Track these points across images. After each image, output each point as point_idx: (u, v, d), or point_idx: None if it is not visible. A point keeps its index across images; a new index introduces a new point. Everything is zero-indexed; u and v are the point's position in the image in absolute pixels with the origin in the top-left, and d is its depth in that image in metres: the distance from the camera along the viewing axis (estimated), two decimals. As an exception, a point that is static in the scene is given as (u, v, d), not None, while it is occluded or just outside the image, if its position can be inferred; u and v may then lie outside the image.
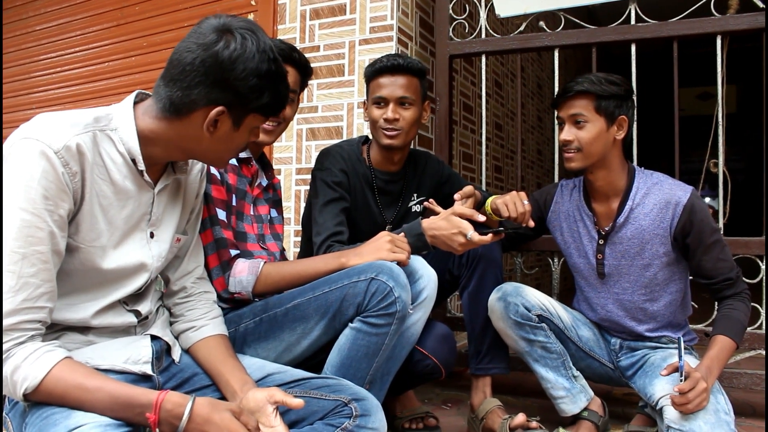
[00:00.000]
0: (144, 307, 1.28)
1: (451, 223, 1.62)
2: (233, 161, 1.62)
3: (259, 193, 1.73)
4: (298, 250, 2.27)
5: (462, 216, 1.62)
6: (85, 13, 3.63)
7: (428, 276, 1.57)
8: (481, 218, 1.64)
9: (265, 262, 1.54)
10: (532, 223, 1.77)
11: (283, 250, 1.81)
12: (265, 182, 1.75)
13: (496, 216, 1.83)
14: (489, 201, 1.85)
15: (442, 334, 1.81)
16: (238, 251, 1.54)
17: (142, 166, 1.16)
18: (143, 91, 1.21)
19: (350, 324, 1.44)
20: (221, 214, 1.52)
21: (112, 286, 1.19)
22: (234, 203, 1.60)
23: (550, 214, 1.95)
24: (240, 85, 1.11)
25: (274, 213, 1.80)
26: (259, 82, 1.13)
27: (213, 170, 1.53)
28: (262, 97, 1.15)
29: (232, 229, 1.58)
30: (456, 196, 1.75)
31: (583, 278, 1.90)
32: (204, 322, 1.36)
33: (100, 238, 1.13)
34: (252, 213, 1.69)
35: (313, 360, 1.52)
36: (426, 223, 1.65)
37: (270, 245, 1.71)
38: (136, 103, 1.18)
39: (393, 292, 1.39)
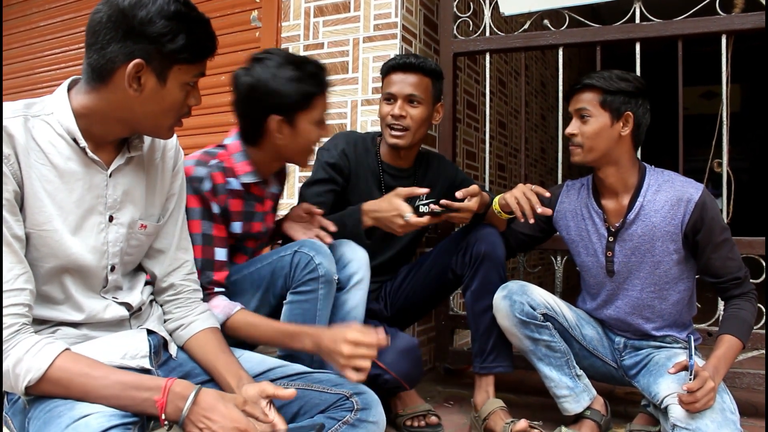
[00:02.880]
0: (133, 299, 1.28)
1: (391, 204, 1.65)
2: (238, 186, 1.58)
3: (270, 201, 1.73)
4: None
5: (402, 195, 1.65)
6: (89, 10, 3.60)
7: (359, 259, 1.64)
8: (422, 191, 1.66)
9: (241, 309, 1.51)
10: (532, 219, 1.74)
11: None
12: (276, 189, 1.75)
13: (505, 214, 1.82)
14: (496, 199, 1.84)
15: (403, 348, 1.78)
16: (223, 290, 1.55)
17: (83, 143, 1.15)
18: (77, 76, 1.20)
19: (284, 301, 1.52)
20: (220, 254, 1.54)
21: (76, 274, 1.17)
22: (239, 230, 1.61)
23: (556, 213, 1.94)
24: (149, 30, 1.08)
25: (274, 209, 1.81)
26: (168, 23, 1.09)
27: (214, 208, 1.51)
28: (176, 40, 1.10)
29: (232, 262, 1.63)
30: (458, 194, 1.75)
31: (591, 276, 1.89)
32: (192, 319, 1.36)
33: (51, 222, 1.12)
34: (261, 230, 1.69)
35: None
36: (368, 205, 1.69)
37: (256, 254, 1.74)
38: (70, 88, 1.18)
39: (314, 260, 1.50)
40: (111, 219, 1.21)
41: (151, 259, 1.35)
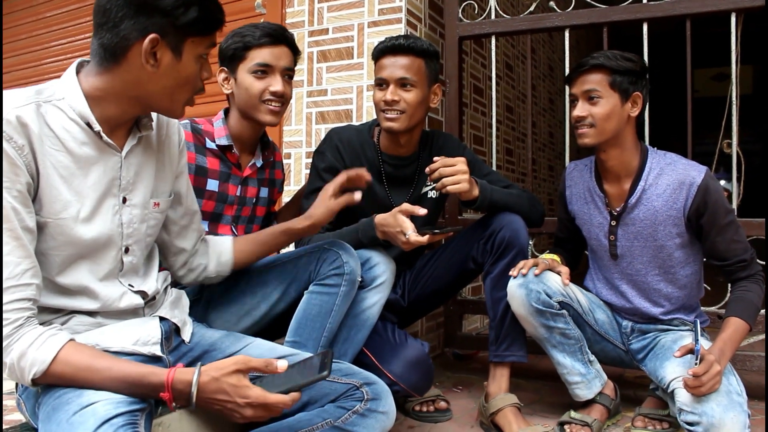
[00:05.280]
0: (149, 287, 1.28)
1: (396, 220, 1.65)
2: (214, 146, 1.71)
3: (252, 173, 1.81)
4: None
5: (405, 212, 1.64)
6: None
7: (386, 263, 1.70)
8: (422, 212, 1.64)
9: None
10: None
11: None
12: (260, 163, 1.82)
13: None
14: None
15: (413, 359, 1.77)
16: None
17: (97, 127, 1.14)
18: (84, 59, 1.19)
19: (306, 291, 1.58)
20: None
21: (92, 260, 1.18)
22: (216, 188, 1.72)
23: (568, 198, 1.94)
24: (161, 3, 1.09)
25: (264, 193, 1.88)
26: None
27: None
28: (189, 11, 1.11)
29: (216, 233, 1.72)
30: (436, 158, 1.75)
31: (597, 258, 1.89)
32: (219, 248, 1.51)
33: (68, 209, 1.12)
34: (238, 194, 1.78)
35: (272, 331, 1.63)
36: (378, 219, 1.70)
37: (240, 228, 1.83)
38: (78, 72, 1.17)
39: (341, 257, 1.55)
40: (124, 200, 1.22)
41: (180, 237, 1.43)
